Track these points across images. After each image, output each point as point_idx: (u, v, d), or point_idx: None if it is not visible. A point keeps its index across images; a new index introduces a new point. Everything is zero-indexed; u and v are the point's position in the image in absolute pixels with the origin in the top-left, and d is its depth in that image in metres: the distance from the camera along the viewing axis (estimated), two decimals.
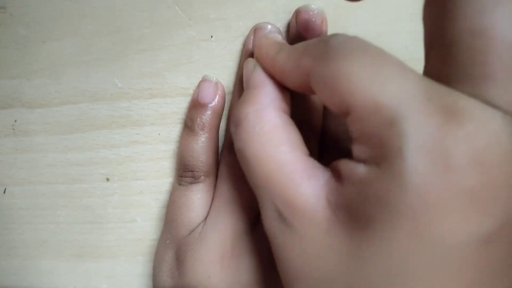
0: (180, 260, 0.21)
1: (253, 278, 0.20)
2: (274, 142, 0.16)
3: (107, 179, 0.25)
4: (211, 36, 0.23)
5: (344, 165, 0.14)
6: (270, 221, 0.16)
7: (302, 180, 0.15)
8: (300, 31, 0.21)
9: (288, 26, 0.23)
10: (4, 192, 0.26)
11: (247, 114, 0.16)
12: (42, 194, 0.26)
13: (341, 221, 0.13)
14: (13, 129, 0.25)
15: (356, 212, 0.13)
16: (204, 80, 0.23)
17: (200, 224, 0.22)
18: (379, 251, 0.12)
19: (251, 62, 0.19)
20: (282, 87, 0.17)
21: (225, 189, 0.21)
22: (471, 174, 0.11)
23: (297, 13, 0.22)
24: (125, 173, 0.25)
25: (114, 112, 0.24)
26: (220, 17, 0.23)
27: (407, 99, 0.12)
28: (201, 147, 0.22)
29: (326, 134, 0.22)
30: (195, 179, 0.22)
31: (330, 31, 0.22)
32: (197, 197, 0.22)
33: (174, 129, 0.24)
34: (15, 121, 0.25)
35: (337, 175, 0.14)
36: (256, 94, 0.17)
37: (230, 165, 0.22)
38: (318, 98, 0.16)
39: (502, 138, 0.11)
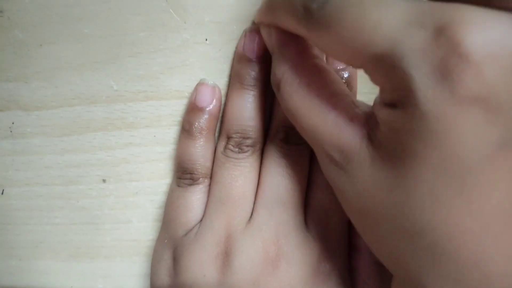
0: (177, 259, 0.22)
1: (247, 277, 0.20)
2: (313, 93, 0.17)
3: (103, 181, 0.25)
4: (206, 39, 0.24)
5: (378, 109, 0.15)
6: (325, 167, 0.17)
7: (345, 123, 0.16)
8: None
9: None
10: (2, 193, 0.26)
11: (283, 73, 0.18)
12: (39, 195, 0.26)
13: (382, 157, 0.15)
14: (11, 131, 0.25)
15: (394, 147, 0.14)
16: (201, 83, 0.23)
17: (196, 224, 0.22)
18: (418, 176, 0.13)
19: (264, 28, 0.20)
20: None
21: (218, 190, 0.22)
22: (473, 85, 0.12)
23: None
24: (121, 175, 0.25)
25: (110, 114, 0.24)
26: (215, 21, 0.23)
27: (400, 36, 0.12)
28: (199, 150, 0.22)
29: None
30: (193, 181, 0.23)
31: None
32: (196, 198, 0.22)
33: (170, 131, 0.24)
34: (13, 123, 0.25)
35: (373, 116, 0.15)
36: (285, 52, 0.18)
37: (222, 166, 0.22)
38: None
39: (504, 42, 0.12)
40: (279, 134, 0.21)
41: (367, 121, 0.15)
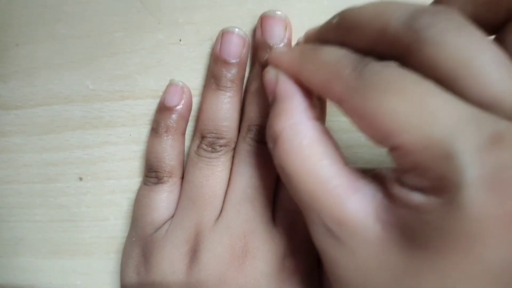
0: (146, 257, 0.22)
1: (214, 273, 0.21)
2: (314, 157, 0.15)
3: (81, 179, 0.26)
4: (180, 40, 0.24)
5: (396, 188, 0.14)
6: (318, 236, 0.16)
7: (347, 195, 0.15)
8: (264, 36, 0.22)
9: (254, 31, 0.23)
10: None
11: (282, 129, 0.16)
12: (19, 193, 0.26)
13: (393, 239, 0.14)
14: None
15: (412, 233, 0.13)
16: (170, 84, 0.24)
17: (166, 222, 0.23)
18: (436, 270, 0.13)
19: (272, 71, 0.18)
20: (310, 92, 0.17)
21: (189, 189, 0.22)
22: None
23: (261, 18, 0.22)
24: (98, 173, 0.25)
25: (87, 113, 0.25)
26: (189, 21, 0.24)
27: (457, 132, 0.12)
28: (165, 149, 0.23)
29: None
30: (158, 180, 0.23)
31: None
32: (160, 198, 0.23)
33: (145, 130, 0.25)
34: None
35: (384, 191, 0.14)
36: (288, 106, 0.17)
37: (195, 166, 0.22)
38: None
39: None
40: (249, 132, 0.22)
41: (374, 196, 0.15)
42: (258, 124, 0.22)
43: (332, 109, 0.23)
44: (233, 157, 0.23)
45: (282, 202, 0.22)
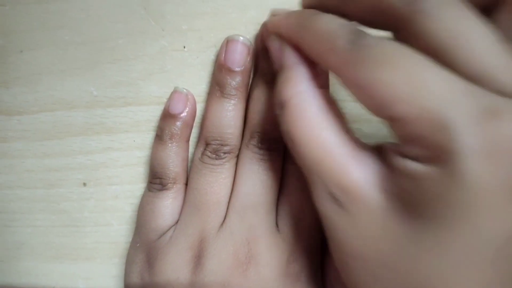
0: (150, 262, 0.22)
1: (218, 279, 0.21)
2: (321, 125, 0.16)
3: (84, 184, 0.26)
4: (184, 47, 0.24)
5: (396, 159, 0.14)
6: (322, 203, 0.16)
7: (352, 164, 0.15)
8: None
9: (256, 38, 0.23)
10: None
11: (291, 96, 0.16)
12: (20, 198, 0.26)
13: (396, 208, 0.14)
14: None
15: (413, 203, 0.13)
16: (174, 91, 0.24)
17: (170, 228, 0.23)
18: (438, 240, 0.13)
19: (276, 40, 0.19)
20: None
21: (193, 196, 0.22)
22: None
23: (263, 26, 0.22)
24: (101, 178, 0.25)
25: (89, 119, 0.25)
26: (192, 28, 0.24)
27: (453, 103, 0.12)
28: (169, 156, 0.23)
29: None
30: (163, 186, 0.23)
31: None
32: (164, 204, 0.23)
33: (149, 136, 0.25)
34: None
35: (385, 162, 0.15)
36: (295, 75, 0.17)
37: (199, 172, 0.22)
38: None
39: None
40: (253, 139, 0.22)
41: (376, 166, 0.15)
42: (261, 131, 0.22)
43: None
44: (236, 163, 0.23)
45: (285, 208, 0.22)
